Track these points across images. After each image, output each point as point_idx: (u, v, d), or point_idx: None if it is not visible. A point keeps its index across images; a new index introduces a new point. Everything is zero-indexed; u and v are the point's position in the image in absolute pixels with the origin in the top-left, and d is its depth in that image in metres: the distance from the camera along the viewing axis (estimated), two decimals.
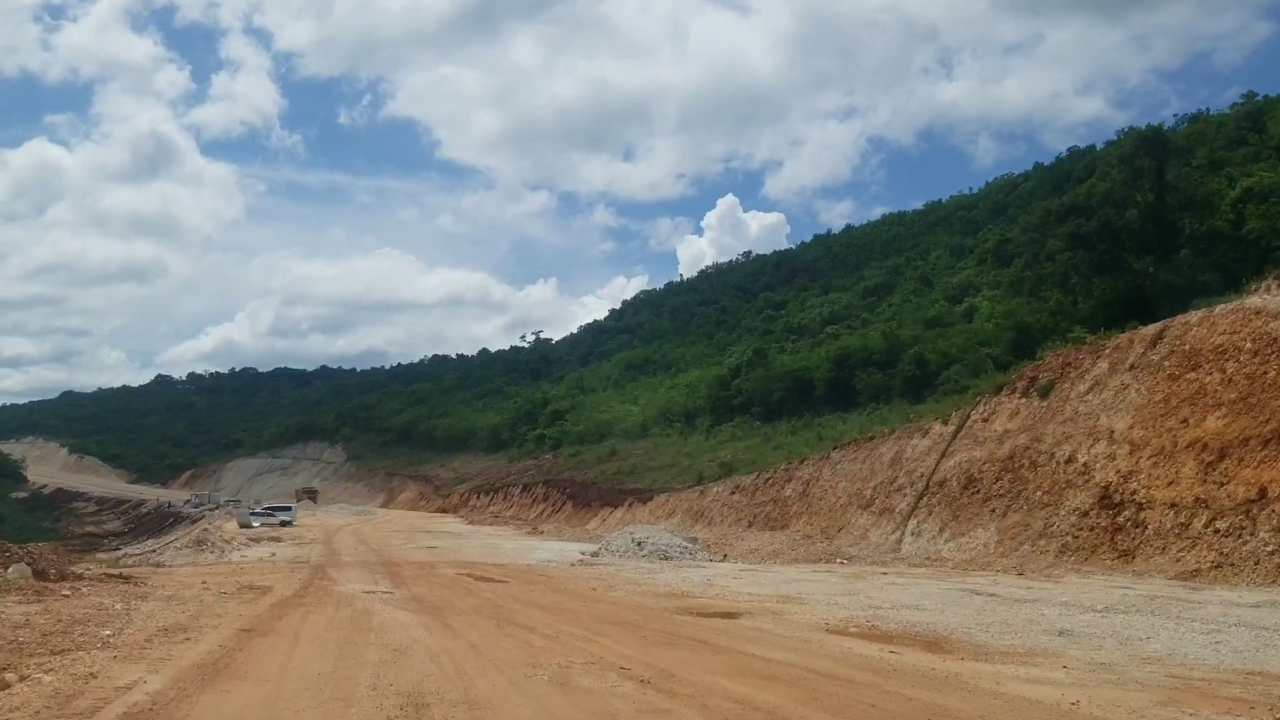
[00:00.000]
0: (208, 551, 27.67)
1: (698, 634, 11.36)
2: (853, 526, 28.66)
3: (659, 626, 12.12)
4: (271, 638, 10.79)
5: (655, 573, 20.68)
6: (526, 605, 14.74)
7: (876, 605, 13.84)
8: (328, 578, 19.44)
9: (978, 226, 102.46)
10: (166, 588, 15.18)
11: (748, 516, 36.01)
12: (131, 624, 11.08)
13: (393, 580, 19.27)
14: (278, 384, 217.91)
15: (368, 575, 20.29)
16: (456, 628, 11.99)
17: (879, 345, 56.39)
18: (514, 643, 10.70)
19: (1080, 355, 25.13)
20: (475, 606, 14.54)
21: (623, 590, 17.17)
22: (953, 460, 26.42)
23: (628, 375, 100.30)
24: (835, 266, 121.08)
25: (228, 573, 19.48)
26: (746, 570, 21.60)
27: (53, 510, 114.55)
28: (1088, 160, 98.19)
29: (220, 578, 17.56)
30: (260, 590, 15.77)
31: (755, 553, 26.81)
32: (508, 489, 70.92)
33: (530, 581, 19.27)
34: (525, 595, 16.44)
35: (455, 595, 16.45)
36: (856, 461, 31.62)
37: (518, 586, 18.16)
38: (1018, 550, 21.75)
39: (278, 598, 15.03)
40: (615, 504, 49.20)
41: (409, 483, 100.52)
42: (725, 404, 66.10)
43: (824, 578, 19.03)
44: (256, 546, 30.64)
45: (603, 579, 19.45)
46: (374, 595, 15.93)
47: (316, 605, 14.23)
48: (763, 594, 15.97)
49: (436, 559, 26.32)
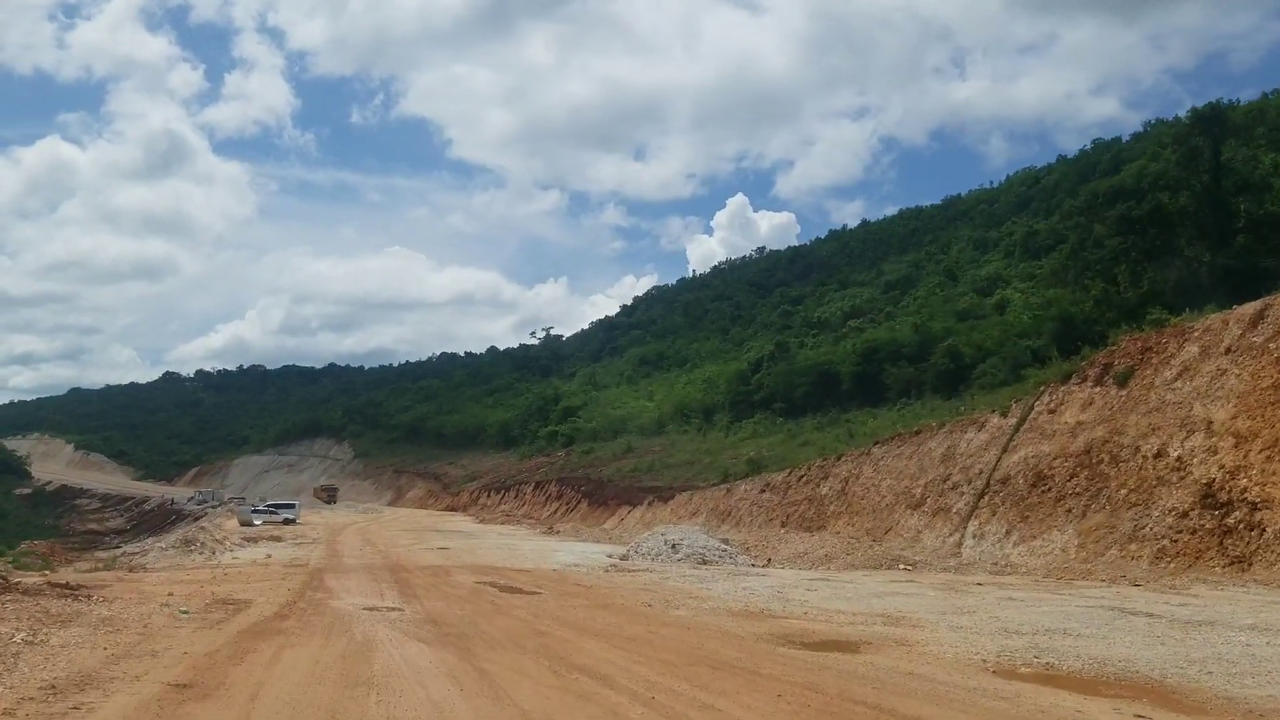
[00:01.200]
0: (196, 552, 25.25)
1: (837, 684, 8.64)
2: (902, 528, 26.25)
3: (776, 671, 9.26)
4: (212, 702, 7.58)
5: (707, 582, 18.21)
6: (577, 631, 12.00)
7: (1015, 629, 11.40)
8: (324, 587, 17.03)
9: (999, 220, 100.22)
10: (116, 603, 12.57)
11: (780, 516, 33.63)
12: (14, 671, 8.12)
13: (401, 591, 16.74)
14: (286, 381, 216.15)
15: (371, 584, 17.95)
16: (496, 676, 8.98)
17: (909, 338, 53.94)
18: (592, 710, 7.55)
19: (1163, 339, 22.66)
20: (511, 633, 11.72)
21: (685, 607, 14.58)
22: (1017, 455, 23.99)
23: (641, 371, 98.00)
24: (851, 262, 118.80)
25: (207, 580, 17.00)
26: (814, 579, 19.03)
27: (56, 507, 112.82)
28: (1112, 153, 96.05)
29: (195, 587, 15.10)
30: (234, 607, 13.13)
31: (804, 557, 24.36)
32: (519, 487, 68.68)
33: (567, 593, 16.67)
34: (568, 614, 13.83)
35: (481, 614, 13.81)
36: (902, 458, 29.20)
37: (554, 600, 15.64)
38: (1103, 555, 19.32)
39: (252, 619, 12.24)
40: (634, 503, 46.88)
41: (417, 480, 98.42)
42: (745, 399, 63.73)
43: (914, 590, 16.54)
44: (252, 547, 28.27)
45: (651, 590, 16.95)
46: (378, 615, 13.34)
47: (300, 633, 11.36)
48: (857, 613, 13.53)
49: (450, 562, 23.93)
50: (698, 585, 17.51)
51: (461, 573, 20.68)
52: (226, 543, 28.86)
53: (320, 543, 31.78)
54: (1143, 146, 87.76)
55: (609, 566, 22.37)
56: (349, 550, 28.88)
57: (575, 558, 25.10)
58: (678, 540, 23.99)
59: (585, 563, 23.37)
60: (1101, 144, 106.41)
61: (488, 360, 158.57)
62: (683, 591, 16.54)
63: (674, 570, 20.78)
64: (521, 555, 26.56)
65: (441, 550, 28.79)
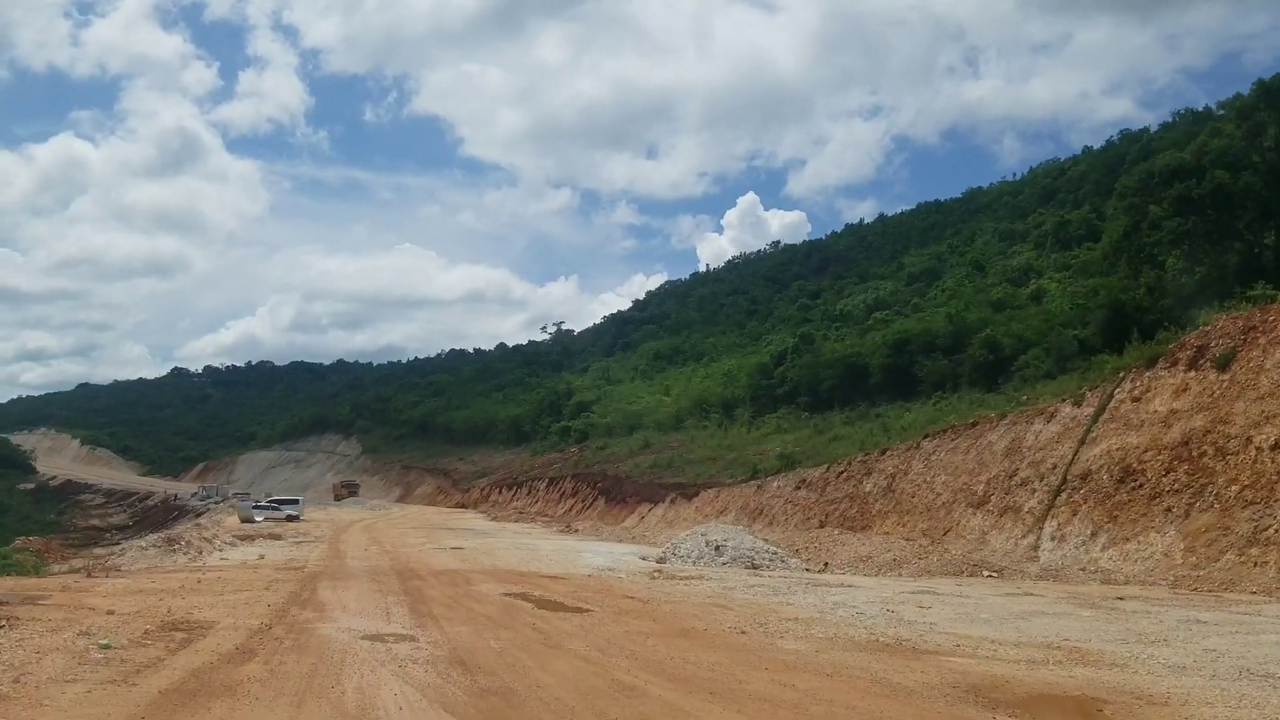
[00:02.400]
0: (180, 552, 22.64)
1: None
2: (964, 528, 23.73)
3: None
4: None
5: (783, 593, 15.39)
6: (672, 681, 8.56)
7: (1267, 672, 8.62)
8: (315, 602, 13.89)
9: (1023, 212, 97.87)
10: (23, 627, 9.48)
11: (817, 515, 31.15)
12: None
13: (413, 608, 13.56)
14: (294, 378, 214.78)
15: (376, 596, 14.97)
16: None
17: (942, 329, 51.34)
18: None
19: (1270, 317, 20.07)
20: (580, 686, 8.28)
21: (793, 636, 11.24)
22: (1098, 448, 21.44)
23: (656, 366, 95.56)
24: (869, 256, 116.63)
25: (175, 589, 14.05)
26: (914, 592, 16.03)
27: (60, 502, 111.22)
28: (1141, 143, 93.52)
29: (153, 600, 12.16)
30: (185, 635, 9.69)
31: (867, 561, 21.80)
32: (532, 483, 66.34)
33: (622, 611, 13.41)
34: (640, 646, 10.44)
35: (525, 647, 10.32)
36: (957, 452, 26.67)
37: (611, 621, 12.35)
38: (1217, 561, 16.78)
39: (198, 661, 8.74)
40: (655, 500, 44.46)
41: (426, 476, 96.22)
42: (768, 393, 61.27)
43: (1053, 608, 13.63)
44: (244, 546, 25.79)
45: (724, 606, 13.92)
46: (382, 649, 9.81)
47: (260, 693, 7.74)
48: (1021, 643, 10.54)
49: (467, 565, 21.34)
50: (774, 598, 14.64)
51: (484, 579, 17.90)
52: (216, 541, 26.26)
53: (322, 541, 29.41)
54: (1172, 137, 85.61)
55: (652, 572, 19.69)
56: (353, 550, 26.44)
57: (606, 560, 22.57)
58: (721, 541, 21.52)
59: (620, 566, 20.79)
60: (1129, 135, 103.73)
61: (497, 356, 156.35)
62: (764, 609, 13.50)
63: (730, 577, 18.08)
64: (545, 557, 24.03)
65: (456, 551, 26.33)
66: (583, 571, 19.29)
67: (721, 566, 19.85)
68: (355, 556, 23.90)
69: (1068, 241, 70.62)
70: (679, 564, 20.69)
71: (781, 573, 19.06)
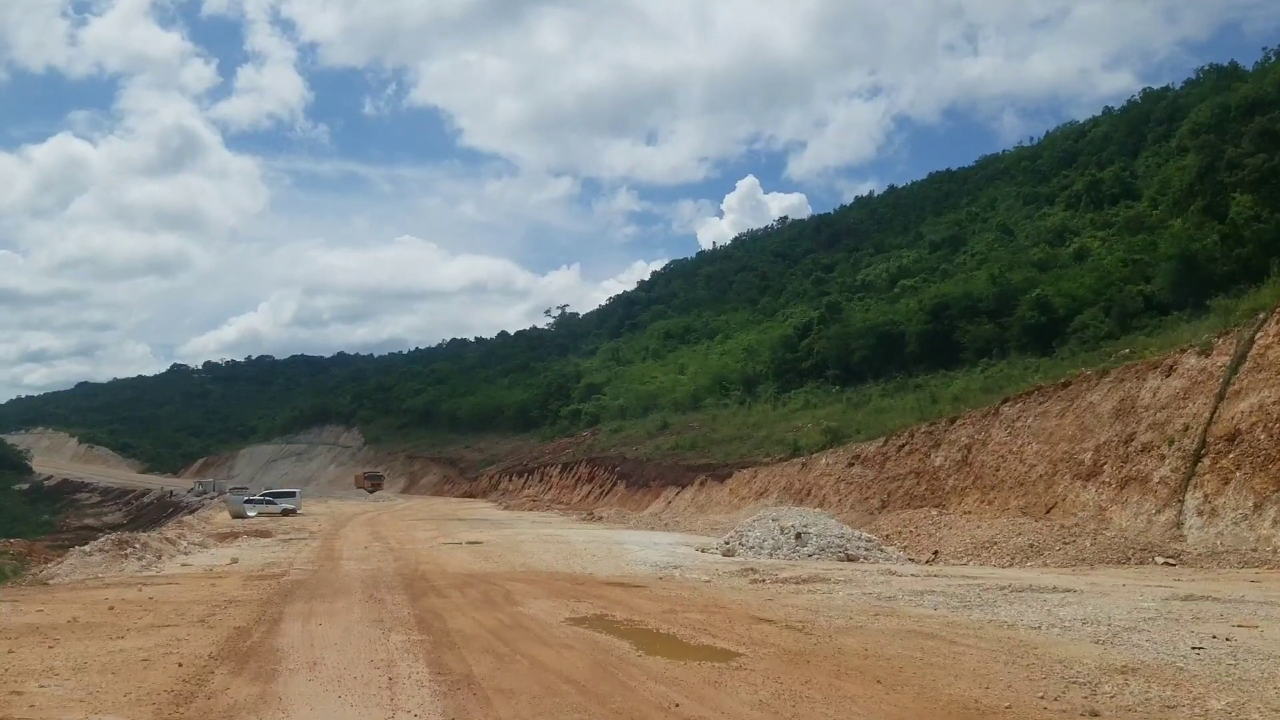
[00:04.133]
0: (133, 556, 18.56)
1: None
2: (1072, 504, 20.06)
3: None
4: None
5: (986, 608, 10.79)
6: None
7: None
8: (264, 653, 8.89)
9: (1045, 176, 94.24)
10: None
11: (877, 494, 27.53)
12: None
13: (434, 660, 8.42)
14: (295, 371, 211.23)
15: (373, 631, 10.20)
16: None
17: (985, 291, 47.60)
18: None
19: None
20: None
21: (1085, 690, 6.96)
22: (1245, 404, 17.74)
23: (667, 345, 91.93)
24: (883, 227, 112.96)
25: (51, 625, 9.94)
26: (1174, 598, 11.15)
27: (55, 502, 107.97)
28: (1166, 101, 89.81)
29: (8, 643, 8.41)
30: None
31: (990, 548, 17.99)
32: (544, 470, 62.85)
33: (788, 656, 8.40)
34: None
35: None
36: (1049, 416, 22.97)
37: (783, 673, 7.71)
38: None
39: None
40: (682, 483, 40.91)
41: (432, 466, 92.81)
42: (792, 367, 57.66)
43: None
44: (218, 548, 21.81)
45: (931, 635, 9.31)
46: None
47: None
48: None
49: (495, 567, 17.39)
50: (979, 615, 10.13)
51: (528, 590, 13.60)
52: (183, 542, 22.08)
53: (316, 538, 25.75)
54: (1199, 93, 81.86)
55: (741, 571, 15.15)
56: (350, 548, 22.66)
57: (661, 553, 18.58)
58: (801, 527, 17.82)
59: (685, 562, 16.76)
60: (1152, 93, 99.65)
61: (500, 342, 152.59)
62: (1007, 643, 8.78)
63: (858, 578, 13.88)
64: (584, 552, 19.95)
65: (474, 547, 22.51)
66: (643, 570, 15.45)
67: (809, 559, 16.25)
68: (352, 556, 20.12)
69: (1100, 201, 67.06)
70: (750, 555, 17.09)
71: (885, 566, 15.40)
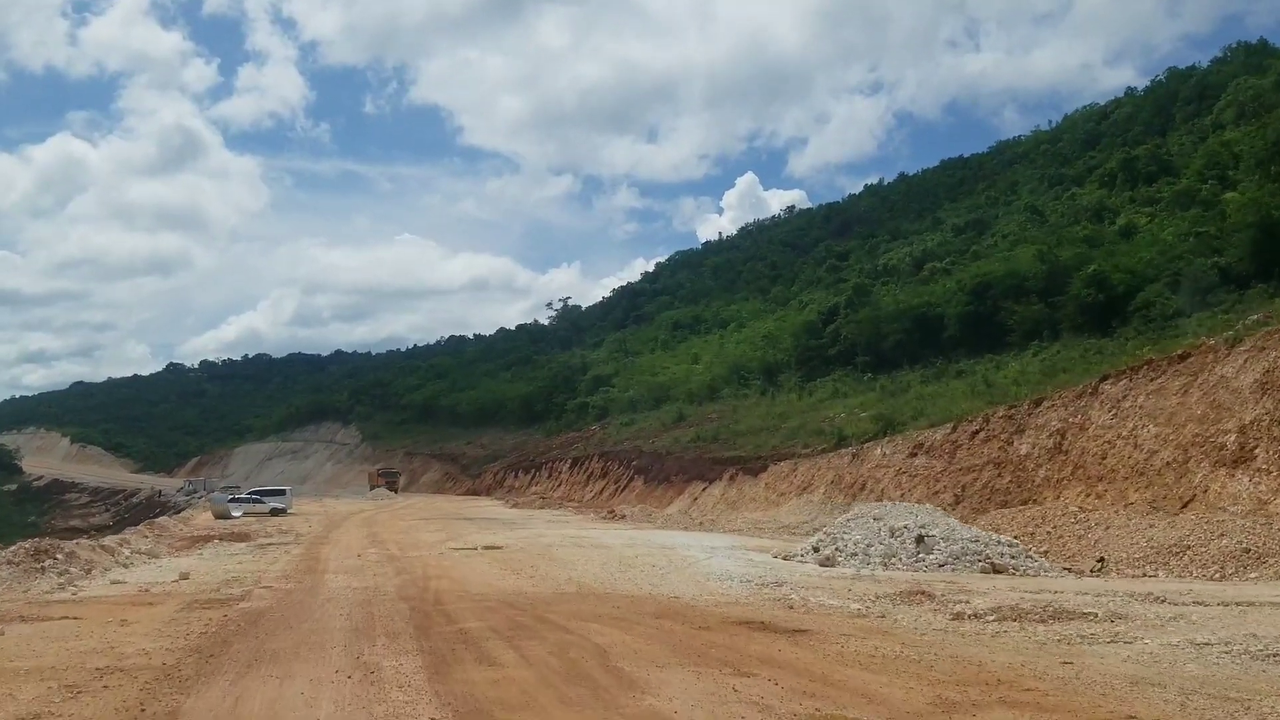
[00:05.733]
0: (51, 571, 14.22)
1: None
2: (1215, 495, 16.49)
3: None
4: None
5: None
6: None
7: None
8: None
9: (1066, 159, 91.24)
10: None
11: (949, 487, 23.98)
12: None
13: None
14: (291, 369, 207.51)
15: None
16: None
17: (1033, 269, 44.05)
18: None
19: None
20: None
21: None
22: None
23: (677, 336, 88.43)
24: (896, 215, 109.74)
25: None
26: None
27: (43, 502, 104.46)
28: (1194, 80, 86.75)
29: None
30: None
31: (1181, 554, 14.22)
32: (552, 465, 59.32)
33: None
34: None
35: None
36: (1168, 394, 19.39)
37: None
38: None
39: None
40: (709, 478, 37.38)
41: (432, 462, 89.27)
42: (817, 355, 54.19)
43: None
44: (171, 558, 17.67)
45: None
46: None
47: None
48: None
49: (539, 586, 13.24)
50: None
51: (621, 643, 8.99)
52: (125, 551, 17.56)
53: (303, 542, 22.11)
54: (1232, 70, 78.70)
55: (886, 592, 11.31)
56: (341, 557, 18.77)
57: (737, 564, 14.58)
58: (919, 529, 14.10)
59: (785, 576, 12.71)
60: (1178, 72, 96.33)
61: (501, 336, 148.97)
62: None
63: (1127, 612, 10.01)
64: (636, 561, 15.99)
65: (494, 554, 18.68)
66: (737, 590, 11.38)
67: (942, 570, 12.71)
68: (341, 569, 16.20)
69: (1134, 179, 63.79)
70: (857, 565, 13.53)
71: (1051, 580, 11.77)
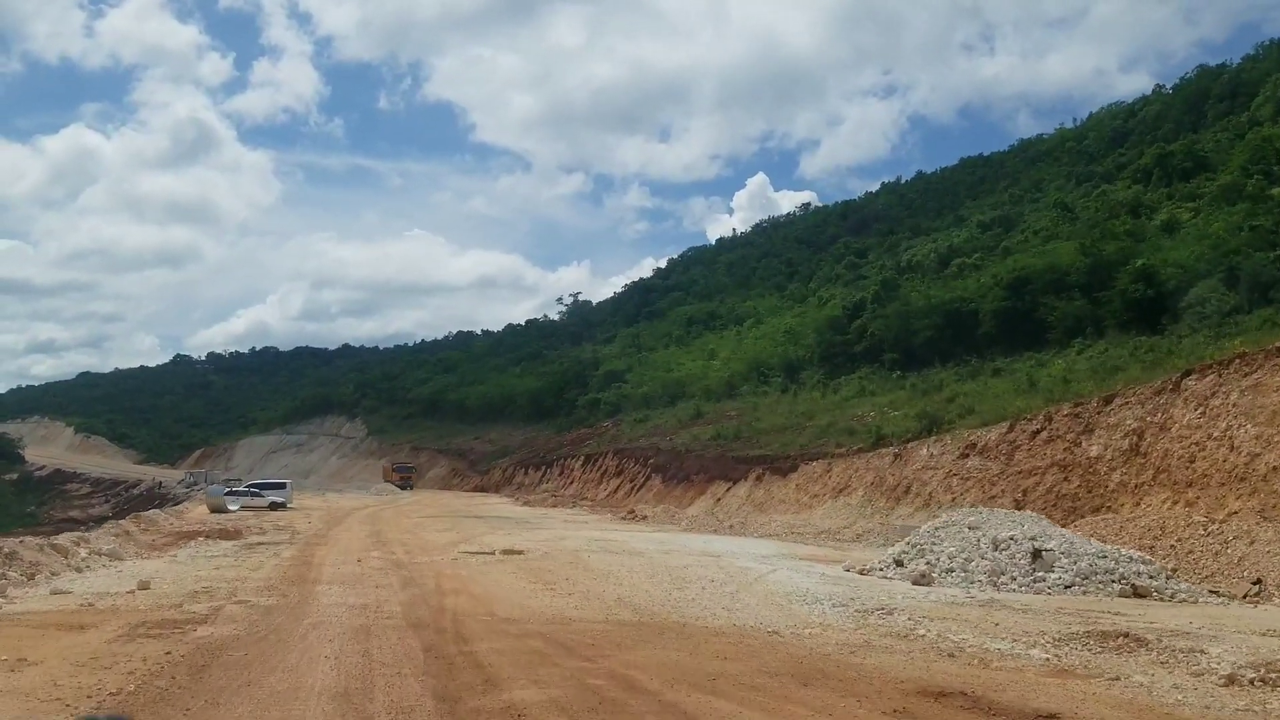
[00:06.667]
0: None
1: None
2: None
3: None
4: None
5: None
6: None
7: None
8: None
9: (1093, 157, 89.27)
10: None
11: (1007, 491, 21.91)
12: None
13: None
14: (298, 363, 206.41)
15: None
16: None
17: (1075, 263, 41.91)
18: None
19: None
20: None
21: None
22: None
23: (691, 331, 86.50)
24: (915, 213, 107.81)
25: None
26: None
27: (44, 492, 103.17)
28: (1226, 77, 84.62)
29: None
30: None
31: None
32: (564, 462, 57.36)
33: None
34: None
35: None
36: (1264, 391, 17.30)
37: None
38: None
39: None
40: (733, 477, 35.37)
41: (439, 458, 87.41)
42: (842, 351, 52.16)
43: None
44: (145, 559, 15.73)
45: None
46: None
47: None
48: None
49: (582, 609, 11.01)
50: None
51: None
52: (81, 552, 14.97)
53: (298, 541, 20.13)
54: (1265, 68, 76.68)
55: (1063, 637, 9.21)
56: (338, 561, 16.53)
57: (808, 579, 12.62)
58: (1035, 541, 11.91)
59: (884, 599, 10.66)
60: (1207, 70, 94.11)
61: (510, 332, 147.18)
62: None
63: None
64: (686, 575, 13.96)
65: (514, 560, 16.60)
66: (832, 616, 9.18)
67: (1066, 592, 10.68)
68: (336, 578, 14.08)
69: (1170, 175, 61.65)
70: (956, 584, 11.53)
71: (1216, 608, 9.72)
